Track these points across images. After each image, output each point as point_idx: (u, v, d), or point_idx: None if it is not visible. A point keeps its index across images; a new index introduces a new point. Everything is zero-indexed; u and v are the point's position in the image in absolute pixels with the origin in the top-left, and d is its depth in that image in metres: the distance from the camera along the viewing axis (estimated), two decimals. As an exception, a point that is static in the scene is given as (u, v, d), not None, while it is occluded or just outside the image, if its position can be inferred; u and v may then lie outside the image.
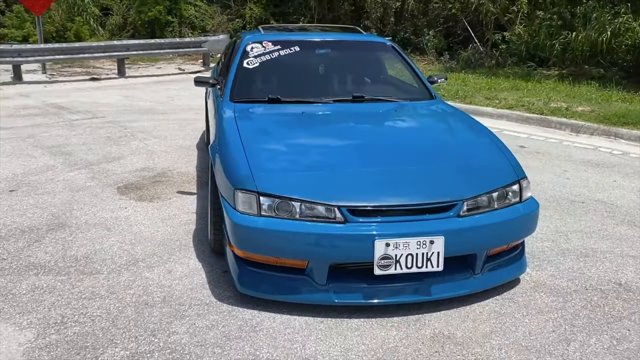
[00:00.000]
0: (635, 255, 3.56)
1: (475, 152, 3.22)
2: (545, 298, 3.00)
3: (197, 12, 20.05)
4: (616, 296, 3.03)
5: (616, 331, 2.69)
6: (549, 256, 3.51)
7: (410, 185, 2.84)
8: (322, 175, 2.85)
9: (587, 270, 3.33)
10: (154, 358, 2.41)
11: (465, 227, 2.76)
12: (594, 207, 4.43)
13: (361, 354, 2.48)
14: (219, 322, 2.70)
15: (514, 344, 2.58)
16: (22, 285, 3.03)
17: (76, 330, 2.61)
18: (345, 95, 3.98)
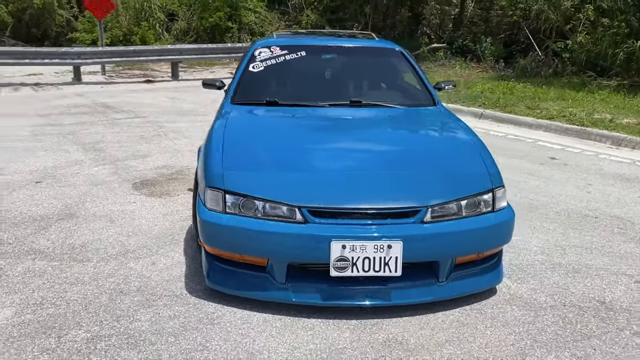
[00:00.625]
0: (632, 274, 3.38)
1: (454, 160, 3.17)
2: (517, 311, 2.91)
3: (257, 19, 20.55)
4: (594, 314, 2.90)
5: (580, 349, 2.58)
6: (536, 270, 3.40)
7: (376, 189, 2.85)
8: (290, 177, 2.91)
9: (573, 286, 3.20)
10: (110, 341, 2.55)
11: (427, 234, 2.73)
12: (606, 222, 4.23)
13: (307, 352, 2.51)
14: (182, 313, 2.81)
15: (466, 354, 2.53)
16: (18, 268, 3.26)
17: (50, 311, 2.80)
18: (344, 100, 4.01)
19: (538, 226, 4.11)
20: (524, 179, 5.34)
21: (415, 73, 4.37)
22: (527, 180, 5.30)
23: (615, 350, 2.59)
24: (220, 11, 18.80)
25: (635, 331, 2.75)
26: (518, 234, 3.88)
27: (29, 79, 11.93)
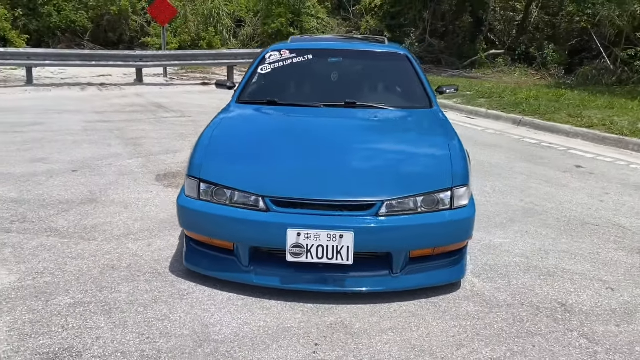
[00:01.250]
0: (608, 280, 3.36)
1: (422, 159, 3.30)
2: (471, 307, 3.00)
3: (319, 25, 20.97)
4: (549, 315, 2.93)
5: (519, 345, 2.65)
6: (509, 271, 3.45)
7: (337, 184, 3.03)
8: (258, 170, 3.15)
9: (539, 288, 3.24)
10: (88, 308, 2.89)
11: (380, 227, 2.89)
12: (606, 231, 4.17)
13: (255, 328, 2.74)
14: (158, 288, 3.12)
15: (404, 341, 2.66)
16: (33, 242, 3.70)
17: (47, 280, 3.18)
18: (341, 101, 4.20)
19: (531, 231, 4.12)
20: (537, 185, 5.30)
21: (416, 76, 4.49)
22: (540, 186, 5.26)
23: (554, 348, 2.63)
24: (282, 17, 19.37)
25: (584, 333, 2.77)
26: (506, 237, 3.94)
27: (97, 80, 12.89)
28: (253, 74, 4.55)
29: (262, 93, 4.41)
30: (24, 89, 11.21)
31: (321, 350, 2.57)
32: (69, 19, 18.55)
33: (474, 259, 3.60)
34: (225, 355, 2.52)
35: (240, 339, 2.64)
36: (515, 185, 5.29)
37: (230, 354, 2.53)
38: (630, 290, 3.24)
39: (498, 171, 5.78)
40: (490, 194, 4.97)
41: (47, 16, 18.20)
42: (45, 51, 11.64)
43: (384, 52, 4.78)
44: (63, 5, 18.52)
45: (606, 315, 2.95)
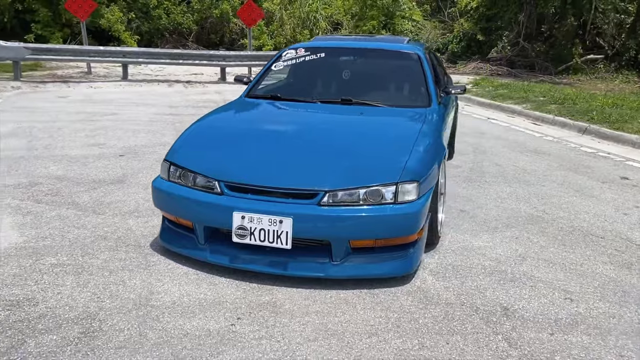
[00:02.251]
0: (573, 291, 3.20)
1: (380, 154, 3.35)
2: (409, 302, 3.02)
3: (413, 27, 20.83)
4: (483, 317, 2.89)
5: (433, 340, 2.66)
6: (471, 273, 3.40)
7: (287, 173, 3.19)
8: (221, 157, 3.39)
9: (491, 292, 3.17)
10: (65, 269, 3.30)
11: (319, 215, 3.01)
12: (608, 244, 3.92)
13: (193, 300, 2.98)
14: (131, 258, 3.47)
15: (321, 324, 2.77)
16: (52, 213, 4.23)
17: (46, 243, 3.66)
18: (339, 98, 4.32)
19: (522, 237, 3.99)
20: (563, 194, 5.04)
21: (422, 76, 4.50)
22: (566, 195, 5.00)
23: (468, 347, 2.61)
24: (374, 20, 19.51)
25: (509, 337, 2.71)
26: (490, 241, 3.87)
27: (186, 77, 13.88)
28: (267, 71, 4.82)
29: (271, 89, 4.66)
30: (119, 83, 12.39)
31: (239, 324, 2.76)
32: (176, 21, 20.06)
33: (443, 258, 3.59)
34: (153, 318, 2.79)
35: (174, 307, 2.90)
36: (538, 192, 5.07)
37: (157, 317, 2.79)
38: (590, 303, 3.07)
39: (529, 178, 5.55)
40: (505, 199, 4.83)
41: (157, 19, 19.82)
42: (138, 50, 12.76)
43: (395, 51, 4.83)
44: (172, 9, 20.06)
45: (546, 323, 2.84)
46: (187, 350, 2.53)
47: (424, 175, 3.22)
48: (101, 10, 17.82)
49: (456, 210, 4.51)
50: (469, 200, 4.77)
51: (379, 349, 2.59)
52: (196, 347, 2.56)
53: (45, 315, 2.78)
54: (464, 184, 5.26)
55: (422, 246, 3.32)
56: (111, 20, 17.88)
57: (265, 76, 4.82)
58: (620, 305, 3.05)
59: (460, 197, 4.86)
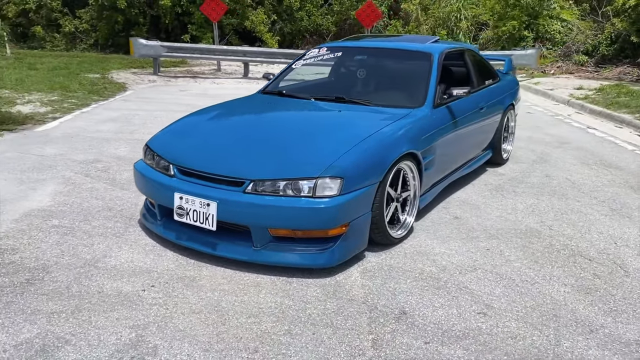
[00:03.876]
0: (496, 307, 3.01)
1: (319, 149, 3.43)
2: (314, 292, 3.10)
3: (563, 28, 19.29)
4: (372, 317, 2.88)
5: (301, 329, 2.74)
6: (401, 276, 3.34)
7: (227, 161, 3.44)
8: (184, 144, 3.74)
9: (403, 296, 3.11)
10: (60, 230, 3.91)
11: (240, 201, 3.22)
12: (589, 267, 3.55)
13: (131, 266, 3.38)
14: (115, 227, 4.00)
15: (215, 301, 2.99)
16: (89, 185, 4.96)
17: (64, 209, 4.34)
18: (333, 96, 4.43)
19: (495, 250, 3.77)
20: (594, 211, 4.57)
21: (427, 76, 4.42)
22: (594, 213, 4.53)
23: (326, 341, 2.66)
24: (515, 20, 18.44)
25: (379, 338, 2.68)
26: (454, 248, 3.76)
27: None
28: (288, 69, 5.09)
29: (283, 85, 4.92)
30: (239, 81, 13.45)
31: (149, 290, 3.10)
32: (316, 22, 20.99)
33: (388, 258, 3.57)
34: (87, 276, 3.25)
35: (112, 269, 3.34)
36: (565, 207, 4.64)
37: (91, 276, 3.25)
38: (503, 322, 2.87)
39: (570, 192, 5.08)
40: (516, 211, 4.52)
41: (299, 20, 20.93)
42: (257, 49, 13.68)
43: (409, 51, 4.79)
44: (313, 11, 21.03)
45: (431, 332, 2.75)
46: (90, 304, 2.94)
47: (354, 173, 3.26)
48: (247, 13, 19.36)
49: (450, 217, 4.35)
50: (474, 208, 4.56)
51: (246, 328, 2.75)
52: (99, 302, 2.96)
53: (14, 263, 3.39)
54: (488, 192, 5.00)
55: (350, 242, 3.34)
56: (255, 22, 19.34)
57: (286, 74, 5.07)
58: (534, 329, 2.81)
59: (470, 204, 4.66)
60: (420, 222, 4.20)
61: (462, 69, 5.25)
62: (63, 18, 20.06)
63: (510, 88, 5.99)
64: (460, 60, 5.24)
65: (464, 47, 5.31)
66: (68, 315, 2.83)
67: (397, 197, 3.76)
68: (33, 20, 20.37)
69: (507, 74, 6.39)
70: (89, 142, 6.54)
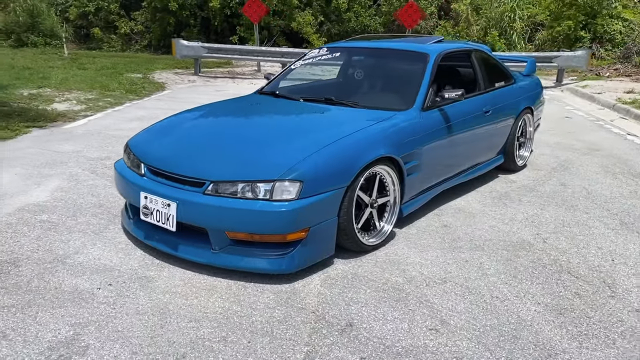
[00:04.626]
0: (449, 323, 2.82)
1: (281, 151, 3.34)
2: (266, 299, 3.01)
3: (625, 28, 18.25)
4: (315, 327, 2.76)
5: (238, 336, 2.67)
6: (364, 285, 3.20)
7: (191, 161, 3.40)
8: (157, 143, 3.72)
9: (357, 307, 2.97)
10: (44, 225, 4.00)
11: (195, 202, 3.18)
12: (572, 285, 3.29)
13: (97, 263, 3.40)
14: (97, 224, 4.04)
15: (163, 303, 2.97)
16: (90, 182, 5.06)
17: (58, 204, 4.44)
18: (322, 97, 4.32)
19: (473, 261, 3.56)
20: (601, 224, 4.25)
21: (419, 78, 4.24)
22: (600, 226, 4.21)
23: (249, 350, 2.57)
24: (570, 20, 17.60)
25: (314, 351, 2.57)
26: (431, 258, 3.60)
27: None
28: (288, 70, 5.03)
29: (279, 86, 4.86)
30: (277, 81, 13.50)
31: (104, 289, 3.11)
32: (364, 23, 20.83)
33: (356, 266, 3.43)
34: (52, 272, 3.29)
35: (77, 266, 3.38)
36: (569, 219, 4.34)
37: (55, 272, 3.29)
38: (453, 340, 2.69)
39: (582, 203, 4.75)
40: (513, 222, 4.27)
41: (347, 22, 20.84)
42: (294, 50, 13.64)
43: (405, 51, 4.62)
44: (361, 12, 20.88)
45: (373, 346, 2.61)
46: (43, 300, 2.98)
47: (316, 177, 3.15)
48: (294, 14, 19.46)
49: (438, 225, 4.16)
50: (469, 217, 4.33)
51: (183, 333, 2.70)
52: (52, 298, 2.99)
53: (-12, 255, 3.50)
54: (490, 200, 4.74)
55: (312, 247, 3.23)
56: (302, 24, 19.40)
57: (285, 75, 5.00)
58: (486, 350, 2.61)
59: (465, 212, 4.43)
60: (405, 229, 4.03)
61: (467, 70, 5.01)
62: (119, 20, 20.86)
63: (527, 91, 5.67)
64: (466, 61, 5.00)
65: (469, 48, 5.06)
66: (17, 310, 2.87)
67: (371, 203, 3.61)
68: (92, 22, 21.29)
69: (529, 76, 6.06)
70: (108, 139, 6.72)
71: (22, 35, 19.24)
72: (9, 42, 19.09)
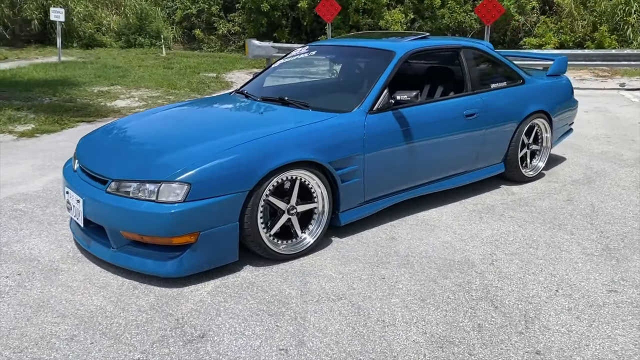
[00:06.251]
0: (306, 344, 2.61)
1: (189, 151, 3.27)
2: (140, 302, 3.00)
3: None
4: (159, 326, 2.69)
5: (89, 335, 2.68)
6: (253, 294, 3.06)
7: (109, 160, 3.45)
8: (100, 142, 3.83)
9: (223, 317, 2.85)
10: (15, 213, 4.29)
11: (98, 200, 3.23)
12: (494, 314, 2.89)
13: (29, 253, 3.55)
14: (58, 214, 4.25)
15: (51, 297, 3.06)
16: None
17: (44, 195, 4.74)
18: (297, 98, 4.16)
19: (390, 277, 3.26)
20: (576, 246, 3.70)
21: (377, 78, 3.97)
22: (575, 247, 3.66)
23: (99, 353, 2.56)
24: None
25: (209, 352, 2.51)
26: (348, 272, 3.36)
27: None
28: (269, 68, 4.96)
29: (253, 86, 4.79)
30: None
31: (12, 278, 3.25)
32: (458, 20, 19.94)
33: (260, 275, 3.29)
34: (-19, 257, 3.54)
35: (10, 254, 3.57)
36: (540, 240, 3.82)
37: (-16, 258, 3.53)
38: None
39: (571, 220, 4.16)
40: (472, 240, 3.84)
41: (440, 18, 20.09)
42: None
43: (372, 49, 4.34)
44: (455, 8, 20.02)
45: None
46: (-47, 284, 3.20)
47: (207, 179, 3.07)
48: (382, 12, 19.16)
49: (385, 237, 3.86)
50: (427, 230, 3.97)
51: (41, 328, 2.74)
52: (-39, 284, 3.20)
53: (-56, 239, 3.83)
54: (467, 214, 4.31)
55: (203, 253, 3.13)
56: (389, 22, 19.04)
57: (267, 74, 4.92)
58: (320, 378, 2.37)
59: (429, 224, 4.07)
60: (345, 239, 3.79)
61: (453, 70, 4.59)
62: (219, 21, 21.89)
63: (543, 93, 5.07)
64: (453, 59, 4.58)
65: (457, 45, 4.57)
66: None
67: (288, 209, 3.43)
68: (194, 23, 22.56)
69: (554, 76, 5.40)
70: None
71: (130, 37, 20.86)
72: (119, 44, 20.80)
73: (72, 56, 16.63)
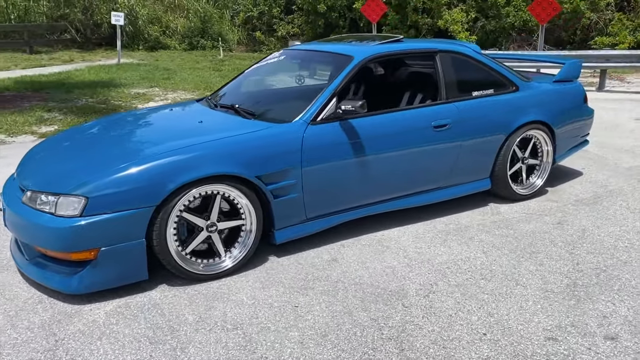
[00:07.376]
0: (166, 382, 2.40)
1: (95, 162, 3.16)
2: (32, 316, 2.91)
3: None
4: (31, 348, 2.57)
5: None
6: (136, 322, 2.89)
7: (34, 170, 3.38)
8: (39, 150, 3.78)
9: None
10: None
11: (10, 209, 3.17)
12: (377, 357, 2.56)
13: None
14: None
15: None
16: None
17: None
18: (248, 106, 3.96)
19: (299, 304, 2.97)
20: (536, 280, 3.24)
21: (326, 86, 3.68)
22: (535, 281, 3.21)
23: None
24: None
25: None
26: (263, 297, 3.13)
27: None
28: (241, 74, 4.78)
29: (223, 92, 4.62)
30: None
31: None
32: (523, 18, 18.84)
33: (169, 296, 3.11)
34: None
35: (-53, 259, 3.65)
36: (498, 270, 3.37)
37: None
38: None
39: (549, 248, 3.66)
40: (419, 266, 3.47)
41: (504, 17, 19.08)
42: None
43: (332, 54, 4.06)
44: (521, 6, 18.93)
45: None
46: None
47: (107, 193, 2.92)
48: (442, 12, 18.47)
49: (326, 259, 3.56)
50: (377, 252, 3.63)
51: None
52: None
53: None
54: (431, 235, 3.92)
55: (106, 270, 2.98)
56: (449, 21, 18.32)
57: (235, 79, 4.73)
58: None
59: (381, 245, 3.73)
60: (282, 259, 3.53)
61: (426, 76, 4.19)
62: (279, 23, 22.03)
63: (542, 101, 4.53)
64: (428, 65, 4.17)
65: (432, 49, 4.13)
66: None
67: (207, 226, 3.22)
68: (256, 25, 22.84)
69: (562, 82, 4.83)
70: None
71: (193, 40, 21.42)
72: (182, 46, 21.41)
73: (133, 58, 17.27)
